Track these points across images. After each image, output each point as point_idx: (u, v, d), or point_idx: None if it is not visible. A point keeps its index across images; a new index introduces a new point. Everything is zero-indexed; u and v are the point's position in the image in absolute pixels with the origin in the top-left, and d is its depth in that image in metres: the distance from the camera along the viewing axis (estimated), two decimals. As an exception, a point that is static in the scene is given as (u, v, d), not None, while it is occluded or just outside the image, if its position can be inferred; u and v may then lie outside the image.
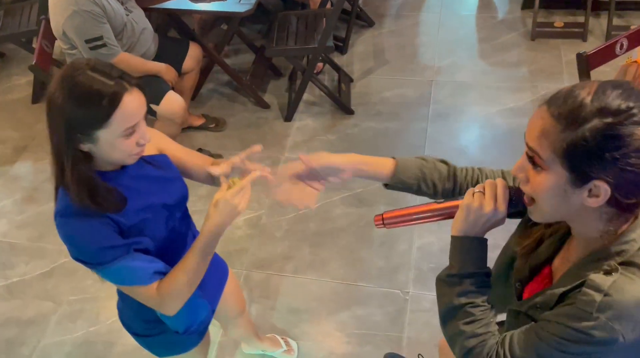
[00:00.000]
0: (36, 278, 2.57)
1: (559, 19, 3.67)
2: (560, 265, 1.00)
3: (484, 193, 0.96)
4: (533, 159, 0.85)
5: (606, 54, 2.13)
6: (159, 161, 1.30)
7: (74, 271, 2.56)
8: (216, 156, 2.98)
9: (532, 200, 0.89)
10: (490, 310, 0.99)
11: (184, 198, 1.35)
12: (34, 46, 3.35)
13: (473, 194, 0.96)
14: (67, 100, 1.06)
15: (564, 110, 0.80)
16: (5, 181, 3.05)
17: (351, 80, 3.38)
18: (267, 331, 2.20)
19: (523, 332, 0.92)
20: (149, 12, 2.73)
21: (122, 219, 1.17)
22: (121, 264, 1.14)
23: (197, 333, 1.48)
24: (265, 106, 3.28)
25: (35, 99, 3.50)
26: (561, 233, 1.00)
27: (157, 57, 2.71)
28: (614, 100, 0.78)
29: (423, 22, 3.87)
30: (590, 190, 0.82)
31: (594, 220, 0.87)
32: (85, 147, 1.11)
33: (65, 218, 1.14)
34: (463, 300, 0.97)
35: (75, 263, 1.17)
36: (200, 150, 2.93)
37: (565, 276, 0.92)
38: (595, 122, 0.78)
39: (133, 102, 1.09)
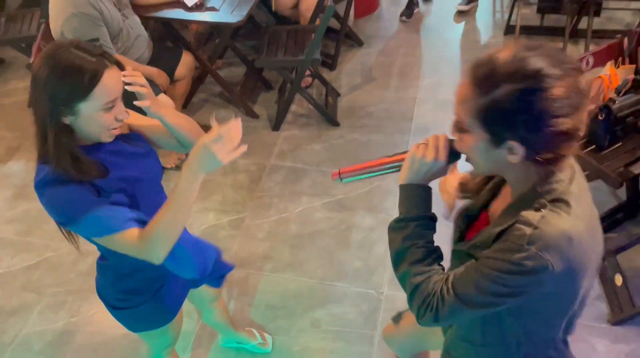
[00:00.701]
0: (21, 271, 2.63)
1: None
2: (496, 209, 1.10)
3: (427, 145, 1.06)
4: (458, 124, 0.97)
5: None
6: (133, 138, 1.38)
7: (59, 265, 2.62)
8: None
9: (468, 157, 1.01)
10: (436, 251, 1.08)
11: (158, 173, 1.44)
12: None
13: (418, 146, 1.07)
14: (51, 75, 1.15)
15: (480, 76, 0.90)
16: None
17: (338, 94, 3.51)
18: (244, 326, 2.26)
19: (464, 268, 1.01)
20: (145, 20, 2.86)
21: (102, 184, 1.25)
22: (95, 213, 1.20)
23: (214, 276, 1.56)
24: (255, 116, 3.40)
25: (30, 104, 3.60)
26: (496, 181, 1.12)
27: (151, 63, 2.82)
28: (525, 65, 0.86)
29: (410, 43, 4.03)
30: (509, 150, 0.92)
31: (522, 171, 0.96)
32: (67, 120, 1.19)
33: (44, 186, 1.21)
34: (408, 242, 1.06)
35: (60, 257, 1.21)
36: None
37: (501, 217, 1.01)
38: (506, 88, 0.86)
39: (113, 78, 1.19)
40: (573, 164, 1.01)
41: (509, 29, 3.96)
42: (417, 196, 1.07)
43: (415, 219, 1.07)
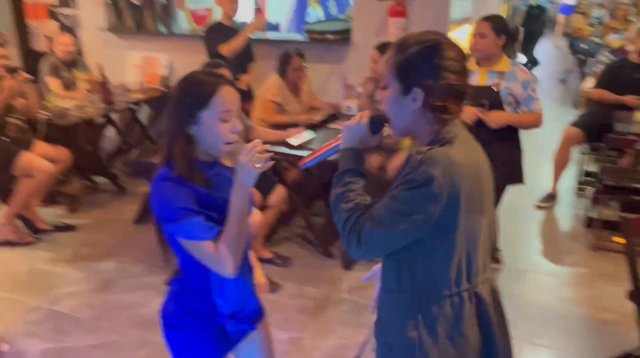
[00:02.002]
0: (85, 347, 2.73)
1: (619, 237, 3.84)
2: None
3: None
4: (382, 83, 1.31)
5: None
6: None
7: (120, 349, 2.71)
8: (275, 284, 3.21)
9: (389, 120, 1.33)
10: (363, 195, 1.33)
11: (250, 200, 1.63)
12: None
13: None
14: (180, 91, 1.46)
15: (399, 43, 1.29)
16: (89, 273, 3.42)
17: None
18: None
19: (379, 203, 1.27)
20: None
21: (204, 198, 1.45)
22: (192, 219, 1.39)
23: (237, 330, 1.58)
24: (329, 256, 3.57)
25: (138, 220, 4.05)
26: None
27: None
28: (430, 35, 1.27)
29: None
30: (413, 99, 1.26)
31: (424, 124, 1.29)
32: (192, 130, 1.45)
33: (161, 181, 1.44)
34: (342, 188, 1.34)
35: (123, 342, 1.34)
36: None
37: (399, 174, 1.31)
38: (414, 47, 1.25)
39: (229, 92, 1.46)
40: (462, 129, 1.32)
41: (590, 223, 4.02)
42: (349, 156, 1.38)
43: (347, 171, 1.36)
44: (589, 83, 5.33)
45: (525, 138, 3.26)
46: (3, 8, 5.50)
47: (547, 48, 12.20)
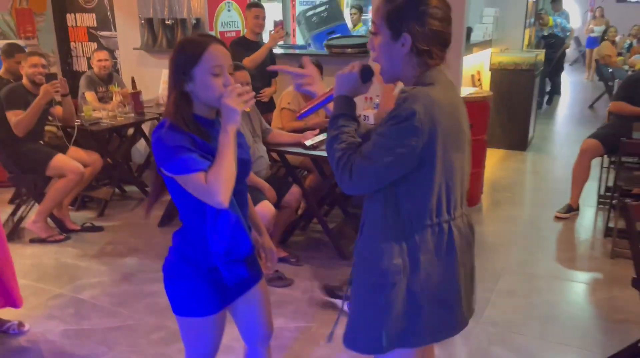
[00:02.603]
0: (102, 330, 2.85)
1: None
2: None
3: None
4: (372, 29, 1.43)
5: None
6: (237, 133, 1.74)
7: (135, 331, 2.82)
8: (288, 279, 3.29)
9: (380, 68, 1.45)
10: (355, 137, 1.44)
11: (248, 162, 1.74)
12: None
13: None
14: (175, 52, 1.60)
15: None
16: (112, 267, 3.58)
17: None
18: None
19: (368, 141, 1.39)
20: (269, 151, 3.48)
21: (200, 142, 1.56)
22: (184, 156, 1.50)
23: (235, 272, 1.64)
24: (345, 257, 3.63)
25: (161, 223, 4.21)
26: None
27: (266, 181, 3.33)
28: None
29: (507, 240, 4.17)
30: (402, 44, 1.37)
31: (410, 69, 1.41)
32: (187, 87, 1.57)
33: (159, 129, 1.56)
34: (334, 131, 1.44)
35: (139, 325, 1.43)
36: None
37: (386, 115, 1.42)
38: None
39: (218, 49, 1.58)
40: (444, 75, 1.43)
41: (608, 231, 3.97)
42: (342, 102, 1.48)
43: (340, 116, 1.46)
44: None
45: (549, 156, 3.29)
46: (50, 31, 5.92)
47: (577, 78, 12.17)
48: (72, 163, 3.88)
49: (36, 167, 3.84)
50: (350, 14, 7.69)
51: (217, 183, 1.49)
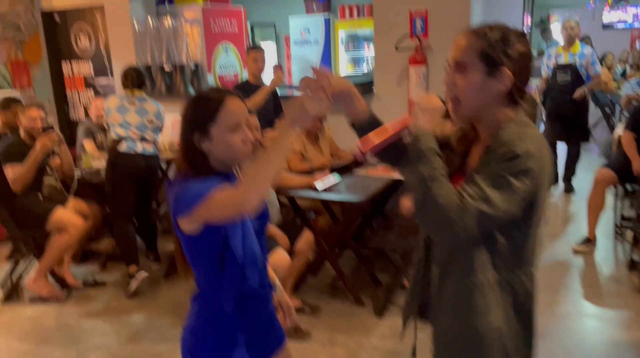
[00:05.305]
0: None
1: (667, 278, 3.64)
2: (473, 162, 1.37)
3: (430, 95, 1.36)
4: (460, 67, 1.29)
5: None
6: None
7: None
8: (304, 332, 3.11)
9: (458, 102, 1.31)
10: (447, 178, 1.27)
11: (266, 215, 1.61)
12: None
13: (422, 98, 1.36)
14: (189, 108, 1.49)
15: (477, 31, 1.30)
16: (117, 325, 3.39)
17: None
18: None
19: (472, 185, 1.22)
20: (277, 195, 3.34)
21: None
22: (198, 185, 1.36)
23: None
24: (361, 303, 3.46)
25: (166, 275, 4.03)
26: (461, 151, 1.42)
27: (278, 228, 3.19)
28: (503, 25, 1.31)
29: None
30: (499, 80, 1.26)
31: (496, 107, 1.29)
32: (204, 146, 1.45)
33: (177, 183, 1.44)
34: (428, 170, 1.25)
35: None
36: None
37: (481, 160, 1.28)
38: (497, 32, 1.28)
39: (235, 104, 1.47)
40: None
41: (633, 265, 3.84)
42: (426, 135, 1.30)
43: (428, 151, 1.27)
44: (621, 129, 5.26)
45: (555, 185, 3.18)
46: (45, 79, 5.85)
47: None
48: (72, 217, 3.73)
49: (36, 222, 3.68)
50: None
51: (253, 184, 1.30)
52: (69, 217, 3.72)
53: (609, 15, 13.15)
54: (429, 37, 4.02)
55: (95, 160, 4.40)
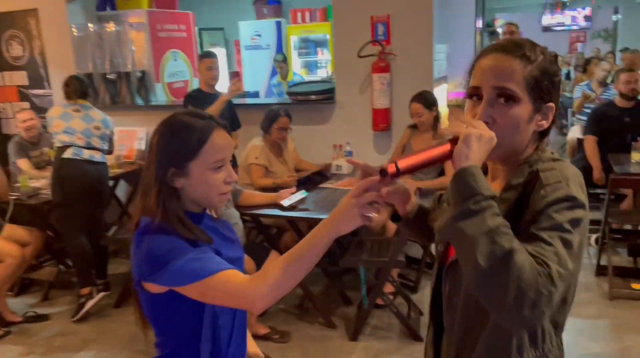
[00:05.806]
0: None
1: (635, 282, 3.63)
2: None
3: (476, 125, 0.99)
4: (506, 96, 1.01)
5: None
6: (225, 224, 1.38)
7: None
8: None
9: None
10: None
11: (241, 259, 1.39)
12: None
13: (466, 127, 0.98)
14: (163, 136, 1.22)
15: (521, 52, 1.03)
16: (65, 366, 3.04)
17: (421, 313, 3.35)
18: None
19: (533, 244, 0.92)
20: (242, 215, 3.10)
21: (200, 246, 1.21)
22: (191, 256, 1.13)
23: None
24: (333, 326, 3.26)
25: (117, 304, 3.69)
26: None
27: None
28: (536, 44, 1.06)
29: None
30: (543, 115, 1.05)
31: (528, 143, 1.06)
32: (179, 183, 1.22)
33: (144, 234, 1.19)
34: (494, 222, 0.90)
35: None
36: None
37: (503, 195, 1.05)
38: (541, 56, 1.04)
39: (221, 138, 1.24)
40: None
41: (601, 270, 3.82)
42: (479, 174, 0.94)
43: (489, 195, 0.92)
44: (576, 132, 5.32)
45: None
46: (-28, 92, 5.34)
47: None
48: (9, 245, 3.35)
49: (-34, 254, 3.28)
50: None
51: (279, 277, 1.09)
52: (6, 246, 3.34)
53: (549, 19, 13.60)
54: (391, 43, 3.87)
55: (33, 180, 4.00)
